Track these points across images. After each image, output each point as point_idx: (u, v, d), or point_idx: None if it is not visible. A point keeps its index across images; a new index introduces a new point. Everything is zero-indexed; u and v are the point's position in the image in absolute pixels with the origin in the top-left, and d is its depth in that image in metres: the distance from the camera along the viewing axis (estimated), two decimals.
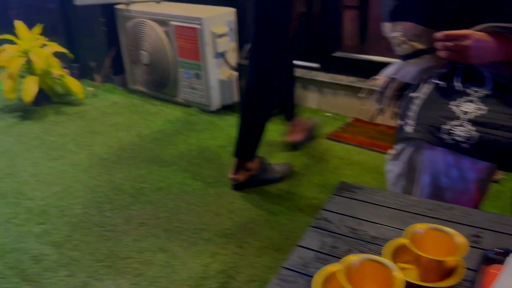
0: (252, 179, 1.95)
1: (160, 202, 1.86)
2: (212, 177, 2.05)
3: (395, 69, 1.13)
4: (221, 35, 2.65)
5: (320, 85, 2.69)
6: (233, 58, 2.80)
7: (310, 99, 2.80)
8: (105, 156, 2.26)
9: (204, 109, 2.80)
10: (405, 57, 1.09)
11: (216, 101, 2.78)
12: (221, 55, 2.72)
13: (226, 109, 2.79)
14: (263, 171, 1.99)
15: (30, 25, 2.90)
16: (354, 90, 2.52)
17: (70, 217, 1.78)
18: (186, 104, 2.88)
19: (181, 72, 2.81)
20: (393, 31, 1.08)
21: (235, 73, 2.74)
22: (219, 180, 2.03)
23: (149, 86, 3.05)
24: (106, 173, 2.10)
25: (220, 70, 2.75)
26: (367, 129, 2.46)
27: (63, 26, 3.35)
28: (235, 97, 2.79)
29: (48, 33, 3.00)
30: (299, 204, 1.84)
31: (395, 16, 1.08)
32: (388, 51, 1.26)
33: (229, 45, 2.74)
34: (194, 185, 1.99)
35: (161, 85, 2.96)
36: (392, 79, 1.14)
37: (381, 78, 1.18)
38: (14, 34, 2.86)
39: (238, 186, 1.96)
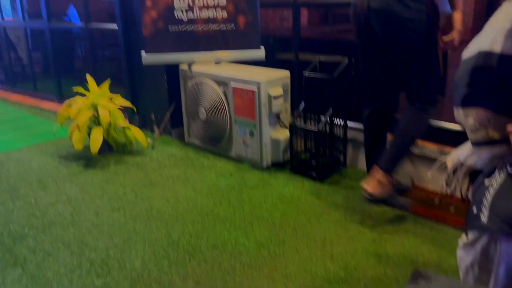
0: (387, 196, 2.06)
1: (215, 261, 1.89)
2: (264, 237, 2.07)
3: (467, 153, 1.13)
4: (276, 97, 2.76)
5: None
6: (286, 118, 2.88)
7: (361, 162, 2.80)
8: (163, 209, 2.34)
9: (256, 166, 2.86)
10: (478, 143, 1.09)
11: (267, 158, 2.84)
12: (275, 115, 2.81)
13: (277, 166, 2.84)
14: (393, 194, 2.11)
15: (99, 75, 3.13)
16: (422, 159, 2.48)
17: (130, 271, 1.84)
18: (238, 160, 2.96)
19: (236, 129, 2.91)
20: (466, 117, 1.10)
21: (288, 133, 2.81)
22: (271, 240, 2.04)
23: (204, 140, 3.17)
24: (164, 227, 2.16)
25: (273, 129, 2.83)
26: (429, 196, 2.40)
27: (128, 80, 3.59)
28: (287, 156, 2.84)
29: (115, 82, 3.23)
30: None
31: (468, 101, 1.09)
32: None
33: (283, 106, 2.83)
34: (247, 245, 2.01)
35: (216, 140, 3.07)
36: (463, 163, 1.14)
37: (451, 159, 1.19)
38: (85, 86, 3.12)
39: (372, 200, 2.05)
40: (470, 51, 1.11)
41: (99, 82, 3.16)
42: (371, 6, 1.94)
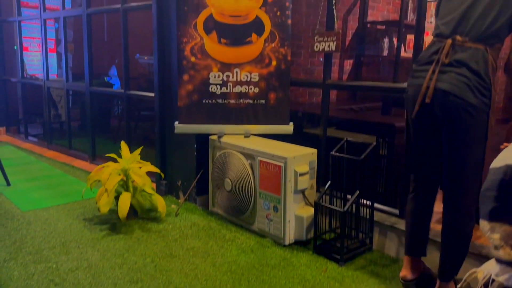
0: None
1: None
2: None
3: (499, 269, 1.08)
4: (302, 174, 2.75)
5: (400, 234, 2.60)
6: (311, 195, 2.86)
7: (388, 246, 2.70)
8: (180, 285, 2.29)
9: (278, 242, 2.80)
10: (501, 261, 1.05)
11: (290, 235, 2.79)
12: (300, 192, 2.79)
13: (299, 244, 2.78)
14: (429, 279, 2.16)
15: (134, 135, 3.23)
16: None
17: None
18: (261, 234, 2.91)
19: (260, 203, 2.90)
20: (492, 231, 1.06)
21: (312, 211, 2.76)
22: None
23: (228, 211, 3.16)
24: None
25: (298, 206, 2.80)
26: None
27: (160, 145, 3.68)
28: (310, 234, 2.78)
29: (148, 144, 3.32)
30: None
31: (495, 216, 1.06)
32: None
33: (309, 183, 2.82)
34: None
35: (239, 212, 3.05)
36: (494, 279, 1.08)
37: (482, 272, 1.13)
38: (118, 146, 3.23)
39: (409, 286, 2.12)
40: (499, 162, 1.09)
41: (133, 141, 3.27)
42: (438, 87, 1.91)
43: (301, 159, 2.78)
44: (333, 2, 3.01)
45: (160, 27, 3.53)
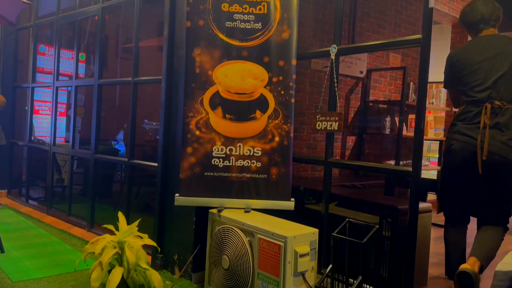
0: None
1: None
2: None
3: None
4: (303, 255, 2.67)
5: None
6: (312, 278, 2.75)
7: None
8: None
9: None
10: None
11: None
12: (300, 274, 2.69)
13: None
14: None
15: (134, 202, 3.19)
16: None
17: None
18: None
19: (258, 284, 2.78)
20: None
21: None
22: None
23: None
24: None
25: None
26: None
27: (159, 216, 3.63)
28: None
29: (147, 211, 3.26)
30: None
31: None
32: None
33: (309, 264, 2.72)
34: None
35: None
36: None
37: None
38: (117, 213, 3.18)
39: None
40: (506, 266, 1.05)
41: (134, 208, 3.21)
42: (490, 150, 2.50)
43: (302, 238, 2.71)
44: (335, 82, 3.11)
45: (167, 101, 3.64)
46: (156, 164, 3.72)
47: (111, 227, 3.17)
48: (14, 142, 6.26)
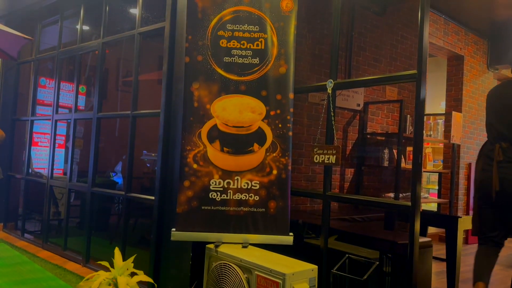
0: None
1: None
2: None
3: None
4: None
5: None
6: None
7: None
8: None
9: None
10: None
11: None
12: None
13: None
14: None
15: (131, 235, 3.13)
16: None
17: None
18: None
19: None
20: None
21: None
22: None
23: None
24: None
25: None
26: None
27: (155, 251, 3.57)
28: None
29: (144, 244, 3.18)
30: None
31: None
32: None
33: None
34: None
35: None
36: None
37: None
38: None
39: None
40: None
41: (130, 241, 3.15)
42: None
43: (300, 275, 2.65)
44: (332, 116, 3.13)
45: (165, 134, 3.65)
46: (153, 198, 3.70)
47: (106, 263, 3.10)
48: (11, 175, 6.23)
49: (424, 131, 4.06)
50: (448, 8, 5.16)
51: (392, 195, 4.44)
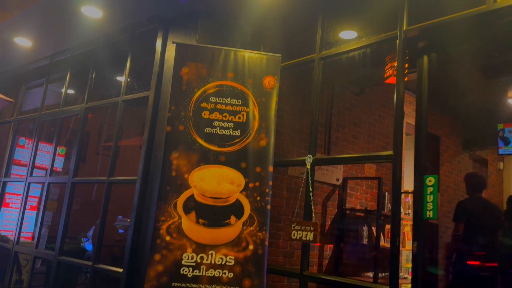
0: None
1: None
2: None
3: None
4: None
5: None
6: None
7: None
8: None
9: None
10: None
11: None
12: None
13: None
14: None
15: None
16: None
17: None
18: None
19: None
20: None
21: None
22: None
23: None
24: None
25: None
26: None
27: None
28: None
29: None
30: None
31: None
32: None
33: None
34: None
35: None
36: None
37: None
38: None
39: None
40: None
41: None
42: None
43: None
44: (311, 191, 3.09)
45: (140, 203, 3.54)
46: (121, 270, 3.48)
47: None
48: None
49: (402, 209, 4.03)
50: None
51: (371, 274, 4.30)
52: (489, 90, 5.08)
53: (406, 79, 2.81)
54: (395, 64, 2.89)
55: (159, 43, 3.86)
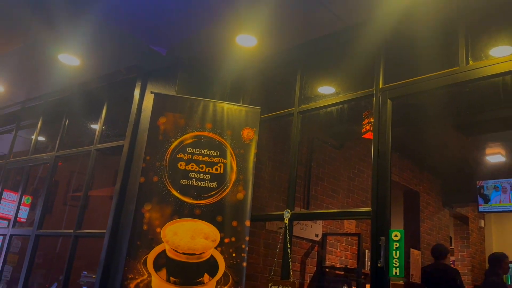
0: None
1: None
2: None
3: None
4: None
5: None
6: None
7: None
8: None
9: None
10: None
11: None
12: None
13: None
14: None
15: None
16: None
17: None
18: None
19: None
20: None
21: None
22: None
23: None
24: None
25: None
26: None
27: None
28: None
29: None
30: None
31: None
32: None
33: None
34: None
35: None
36: None
37: None
38: None
39: None
40: None
41: None
42: None
43: None
44: (288, 248, 3.05)
45: (108, 259, 3.40)
46: None
47: None
48: None
49: None
50: (403, 147, 5.55)
51: None
52: (467, 147, 5.27)
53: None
54: (372, 120, 2.99)
55: (137, 92, 3.89)
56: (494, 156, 5.26)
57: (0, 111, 5.44)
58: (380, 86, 2.97)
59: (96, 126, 4.31)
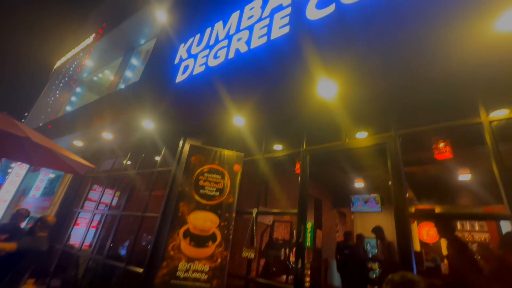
0: None
1: None
2: None
3: None
4: None
5: None
6: None
7: None
8: None
9: None
10: None
11: None
12: None
13: None
14: None
15: None
16: None
17: None
18: None
19: None
20: None
21: None
22: None
23: None
24: None
25: None
26: None
27: None
28: None
29: None
30: None
31: None
32: None
33: None
34: None
35: None
36: None
37: None
38: None
39: None
40: None
41: None
42: None
43: None
44: (253, 231, 3.16)
45: (159, 229, 3.45)
46: (141, 270, 3.27)
47: None
48: (52, 245, 5.30)
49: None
50: (316, 176, 5.63)
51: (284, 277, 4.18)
52: (346, 178, 5.46)
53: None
54: (300, 164, 3.20)
55: (181, 143, 4.05)
56: (358, 183, 5.50)
57: (109, 147, 5.50)
58: (304, 148, 3.19)
59: (158, 158, 4.42)
